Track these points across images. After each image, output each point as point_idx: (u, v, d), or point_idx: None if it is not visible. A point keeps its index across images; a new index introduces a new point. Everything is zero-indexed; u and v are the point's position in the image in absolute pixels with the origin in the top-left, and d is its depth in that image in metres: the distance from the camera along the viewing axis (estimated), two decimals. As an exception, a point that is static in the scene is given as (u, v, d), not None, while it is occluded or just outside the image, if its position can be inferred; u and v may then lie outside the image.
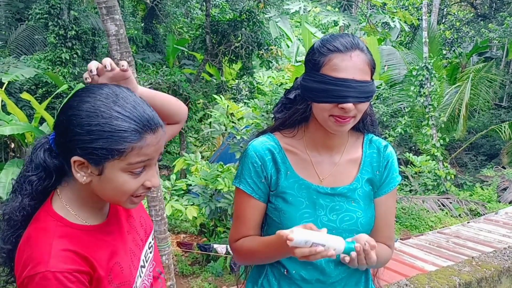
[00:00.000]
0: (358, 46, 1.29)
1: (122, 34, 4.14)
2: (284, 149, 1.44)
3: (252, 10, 11.90)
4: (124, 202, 1.10)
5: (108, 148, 0.99)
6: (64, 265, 1.00)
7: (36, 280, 0.99)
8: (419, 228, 9.35)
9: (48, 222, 1.06)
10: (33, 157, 1.08)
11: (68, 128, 1.01)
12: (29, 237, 1.05)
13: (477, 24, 18.06)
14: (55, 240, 1.03)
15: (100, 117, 0.99)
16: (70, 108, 1.03)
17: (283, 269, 1.44)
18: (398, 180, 1.47)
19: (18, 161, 8.72)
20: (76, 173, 1.03)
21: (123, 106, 1.02)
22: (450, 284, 2.44)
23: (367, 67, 1.29)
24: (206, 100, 11.91)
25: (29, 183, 1.06)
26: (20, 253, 1.04)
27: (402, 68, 14.85)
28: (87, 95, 1.03)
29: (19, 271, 1.02)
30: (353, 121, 1.33)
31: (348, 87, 1.26)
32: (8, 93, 10.02)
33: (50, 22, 11.18)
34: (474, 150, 14.93)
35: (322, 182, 1.42)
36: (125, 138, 1.00)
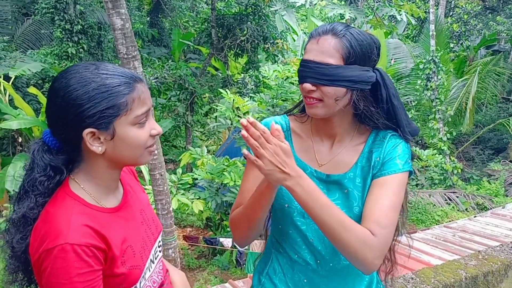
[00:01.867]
0: (332, 31, 1.30)
1: (128, 28, 4.15)
2: (292, 130, 1.49)
3: (258, 4, 11.86)
4: (141, 157, 1.15)
5: (112, 105, 1.05)
6: (82, 239, 1.03)
7: (54, 253, 1.00)
8: (425, 222, 9.33)
9: (67, 200, 1.09)
10: (37, 161, 1.09)
11: (68, 105, 1.04)
12: (46, 214, 1.06)
13: (485, 17, 17.89)
14: (74, 216, 1.06)
15: (93, 83, 1.05)
16: (60, 90, 1.06)
17: (293, 255, 1.46)
18: (400, 168, 1.34)
19: (25, 155, 8.79)
20: (91, 146, 1.07)
21: (105, 68, 1.09)
22: (456, 278, 2.43)
23: (334, 51, 1.28)
24: (212, 94, 11.91)
25: (40, 184, 1.08)
26: (37, 230, 1.05)
27: (409, 62, 14.76)
28: (68, 74, 1.08)
29: (36, 247, 1.03)
30: (323, 106, 1.31)
31: (306, 67, 1.30)
32: (15, 87, 10.08)
33: (56, 16, 11.21)
34: (481, 144, 14.83)
35: (320, 168, 1.43)
36: (122, 91, 1.07)
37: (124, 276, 1.12)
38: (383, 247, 1.23)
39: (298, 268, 1.46)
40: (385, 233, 1.24)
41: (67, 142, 1.10)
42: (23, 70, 9.90)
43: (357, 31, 1.32)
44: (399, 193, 1.32)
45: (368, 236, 1.21)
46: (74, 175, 1.13)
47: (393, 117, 1.39)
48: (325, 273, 1.44)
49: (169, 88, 11.05)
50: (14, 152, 9.97)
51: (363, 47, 1.30)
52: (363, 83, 1.31)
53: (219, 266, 7.69)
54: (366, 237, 1.21)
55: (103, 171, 1.13)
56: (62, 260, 1.00)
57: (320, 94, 1.30)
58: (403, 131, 1.38)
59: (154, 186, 4.65)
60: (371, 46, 1.32)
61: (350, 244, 1.19)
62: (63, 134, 1.08)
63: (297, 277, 1.47)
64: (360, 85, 1.31)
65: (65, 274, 1.00)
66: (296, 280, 1.47)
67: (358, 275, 1.48)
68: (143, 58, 12.62)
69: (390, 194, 1.30)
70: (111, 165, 1.13)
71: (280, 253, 1.51)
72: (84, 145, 1.08)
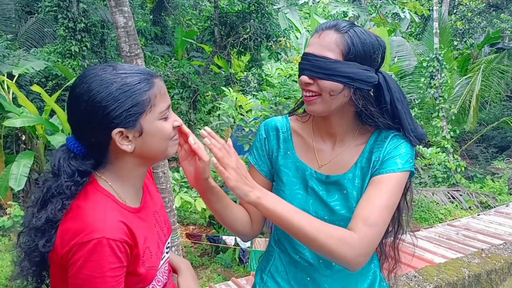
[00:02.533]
0: (335, 27, 1.30)
1: (131, 26, 4.15)
2: (292, 130, 1.50)
3: (261, 2, 11.84)
4: (169, 148, 1.18)
5: (136, 103, 1.08)
6: (118, 234, 1.05)
7: (89, 246, 1.01)
8: (428, 221, 9.31)
9: (98, 195, 1.10)
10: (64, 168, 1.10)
11: (94, 109, 1.06)
12: (78, 209, 1.07)
13: (489, 15, 17.79)
14: (108, 211, 1.08)
15: (114, 83, 1.07)
16: (83, 95, 1.07)
17: (294, 255, 1.46)
18: (399, 167, 1.30)
19: (29, 153, 8.82)
20: (121, 145, 1.09)
21: (122, 68, 1.11)
22: (459, 276, 2.43)
23: (334, 46, 1.28)
24: (214, 93, 11.91)
25: (67, 188, 1.08)
26: (68, 223, 1.06)
27: (412, 60, 14.71)
28: (87, 78, 1.09)
29: (66, 240, 1.04)
30: (321, 101, 1.31)
31: (305, 60, 1.31)
32: (19, 85, 10.11)
33: (60, 14, 11.23)
34: (485, 142, 14.78)
35: (320, 169, 1.43)
36: (143, 88, 1.10)
37: (142, 276, 1.14)
38: (367, 245, 1.21)
39: (301, 268, 1.46)
40: (371, 231, 1.22)
41: (95, 146, 1.11)
42: (27, 68, 9.93)
43: (361, 30, 1.31)
44: (395, 193, 1.29)
45: (345, 234, 1.20)
46: (102, 174, 1.15)
47: (396, 122, 1.37)
48: (328, 273, 1.44)
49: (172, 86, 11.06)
50: (17, 150, 10.00)
51: (365, 46, 1.29)
52: (361, 82, 1.30)
53: (222, 264, 7.70)
54: (343, 236, 1.19)
55: (131, 170, 1.16)
56: (97, 254, 1.01)
57: (317, 88, 1.30)
58: (408, 134, 1.36)
59: (157, 184, 4.66)
60: (375, 47, 1.31)
61: (325, 245, 1.18)
62: (92, 138, 1.10)
63: (299, 275, 1.47)
64: (359, 84, 1.29)
65: (98, 267, 1.01)
66: (298, 278, 1.47)
67: (361, 274, 1.47)
68: (146, 56, 12.64)
69: (384, 193, 1.28)
70: (139, 162, 1.16)
71: (282, 251, 1.51)
72: (112, 146, 1.11)
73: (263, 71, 11.71)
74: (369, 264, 1.51)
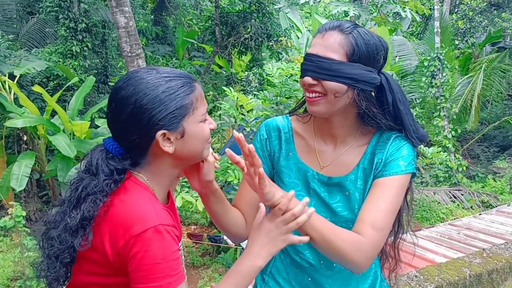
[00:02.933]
0: (339, 28, 1.29)
1: (132, 26, 4.15)
2: (294, 131, 1.48)
3: (262, 1, 11.84)
4: (205, 150, 1.22)
5: (180, 106, 1.11)
6: (169, 220, 1.09)
7: (147, 235, 1.03)
8: (430, 220, 9.30)
9: (139, 189, 1.13)
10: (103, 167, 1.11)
11: (141, 111, 1.09)
12: (121, 202, 1.09)
13: (490, 14, 17.75)
14: (153, 201, 1.12)
15: (160, 86, 1.11)
16: (129, 97, 1.10)
17: (295, 256, 1.46)
18: (403, 170, 1.31)
19: (30, 153, 8.83)
20: (164, 147, 1.11)
21: (165, 71, 1.15)
22: (461, 275, 2.42)
23: (339, 47, 1.27)
24: (215, 92, 11.91)
25: (107, 186, 1.10)
26: (111, 218, 1.07)
27: (413, 59, 14.68)
28: (133, 81, 1.12)
29: (119, 235, 1.05)
30: (325, 102, 1.30)
31: (308, 61, 1.30)
32: (20, 86, 10.11)
33: (61, 15, 11.23)
34: (487, 142, 14.75)
35: (322, 170, 1.42)
36: (186, 92, 1.14)
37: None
38: (375, 249, 1.23)
39: (302, 268, 1.46)
40: (378, 236, 1.23)
41: (136, 147, 1.13)
42: (28, 69, 9.93)
43: (365, 30, 1.30)
44: (399, 195, 1.30)
45: (357, 239, 1.21)
46: (137, 172, 1.17)
47: (399, 123, 1.37)
48: (329, 273, 1.43)
49: (173, 86, 11.05)
50: (19, 151, 10.00)
51: (369, 47, 1.28)
52: (365, 83, 1.29)
53: (223, 264, 7.70)
54: (355, 240, 1.21)
55: (167, 170, 1.18)
56: (157, 241, 1.04)
57: (322, 89, 1.29)
58: (410, 135, 1.36)
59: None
60: (378, 48, 1.31)
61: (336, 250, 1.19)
62: (136, 139, 1.11)
63: (300, 276, 1.47)
64: (362, 85, 1.29)
65: (161, 253, 1.04)
66: (299, 279, 1.47)
67: (362, 274, 1.47)
68: (147, 56, 12.63)
69: (388, 196, 1.28)
70: (176, 163, 1.19)
71: (283, 252, 1.50)
72: (152, 148, 1.13)
73: (264, 71, 11.69)
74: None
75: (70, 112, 9.32)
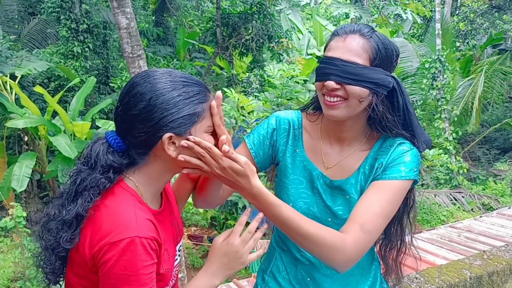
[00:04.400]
0: (360, 32, 1.28)
1: (133, 27, 4.16)
2: (303, 128, 1.48)
3: (263, 3, 11.85)
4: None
5: (192, 112, 1.11)
6: (148, 232, 1.06)
7: (121, 245, 1.02)
8: (430, 222, 9.29)
9: (126, 195, 1.12)
10: (102, 162, 1.11)
11: (154, 109, 1.08)
12: (106, 208, 1.08)
13: (491, 16, 17.73)
14: (137, 210, 1.09)
15: (177, 89, 1.10)
16: (145, 94, 1.09)
17: (296, 253, 1.47)
18: (403, 175, 1.29)
19: (31, 154, 8.84)
20: (168, 150, 1.10)
21: (183, 76, 1.14)
22: (461, 277, 2.42)
23: (362, 51, 1.27)
24: (216, 93, 11.89)
25: (101, 184, 1.09)
26: (95, 222, 1.07)
27: (414, 61, 14.67)
28: (151, 79, 1.11)
29: (96, 240, 1.04)
30: (346, 106, 1.29)
31: (331, 65, 1.28)
32: (21, 86, 10.13)
33: (62, 15, 11.25)
34: (488, 144, 14.73)
35: (326, 171, 1.43)
36: (200, 100, 1.13)
37: (160, 276, 1.14)
38: (358, 251, 1.21)
39: (302, 267, 1.47)
40: (365, 237, 1.22)
41: (140, 144, 1.12)
42: (29, 69, 9.94)
43: (382, 35, 1.31)
44: (394, 201, 1.28)
45: (337, 239, 1.20)
46: (129, 175, 1.15)
47: (408, 126, 1.36)
48: (328, 272, 1.44)
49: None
50: (20, 151, 10.02)
51: (388, 51, 1.29)
52: (384, 88, 1.30)
53: (223, 265, 7.68)
54: (335, 241, 1.19)
55: (163, 174, 1.17)
56: (130, 253, 1.02)
57: (344, 93, 1.28)
58: (418, 140, 1.35)
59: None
60: (393, 52, 1.32)
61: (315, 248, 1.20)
62: (142, 137, 1.10)
63: (300, 275, 1.47)
64: (382, 89, 1.29)
65: (132, 266, 1.02)
66: (299, 278, 1.47)
67: (362, 275, 1.48)
68: (148, 57, 12.65)
69: (384, 200, 1.26)
70: (173, 168, 1.17)
71: (284, 251, 1.51)
72: (155, 149, 1.11)
73: (265, 72, 11.71)
74: (370, 266, 1.51)
75: (71, 112, 9.34)
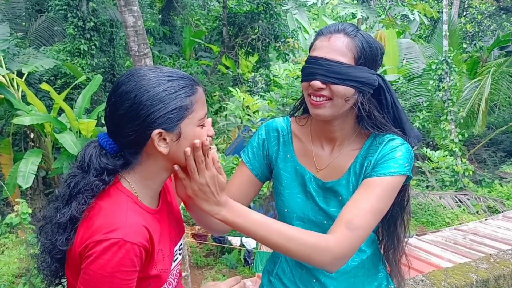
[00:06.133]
0: (344, 31, 1.29)
1: (140, 25, 4.16)
2: (293, 133, 1.49)
3: (270, 2, 11.84)
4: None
5: (179, 106, 1.10)
6: (137, 238, 1.04)
7: (105, 245, 1.01)
8: (435, 224, 9.26)
9: (121, 196, 1.11)
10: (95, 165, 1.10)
11: (140, 107, 1.08)
12: (100, 208, 1.08)
13: (499, 17, 17.64)
14: (130, 212, 1.08)
15: (161, 85, 1.10)
16: (130, 92, 1.09)
17: None
18: (392, 171, 1.27)
19: (37, 151, 8.88)
20: (159, 147, 1.10)
21: (169, 71, 1.14)
22: (467, 280, 2.41)
23: (347, 50, 1.27)
24: (222, 93, 11.92)
25: (95, 186, 1.09)
26: (88, 221, 1.06)
27: (421, 62, 14.61)
28: (135, 77, 1.11)
29: (85, 237, 1.04)
30: (332, 105, 1.29)
31: (316, 64, 1.28)
32: (28, 83, 10.18)
33: (69, 13, 11.29)
34: (494, 146, 14.65)
35: (318, 173, 1.42)
36: (187, 93, 1.12)
37: (154, 279, 1.13)
38: (345, 249, 1.20)
39: (307, 269, 1.46)
40: (352, 235, 1.20)
41: (131, 144, 1.11)
42: (36, 67, 9.98)
43: (366, 33, 1.32)
44: (385, 197, 1.26)
45: (319, 240, 1.19)
46: (125, 175, 1.15)
47: (398, 123, 1.36)
48: (333, 275, 1.42)
49: (179, 86, 11.07)
50: (26, 148, 10.07)
51: (372, 50, 1.30)
52: (369, 86, 1.30)
53: (227, 264, 7.70)
54: (315, 242, 1.18)
55: (158, 172, 1.16)
56: (111, 254, 1.01)
57: (329, 93, 1.28)
58: (409, 135, 1.35)
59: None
60: (378, 50, 1.32)
61: (297, 252, 1.18)
62: (131, 136, 1.09)
63: (305, 277, 1.46)
64: (367, 88, 1.30)
65: (109, 267, 1.01)
66: (305, 280, 1.46)
67: (368, 276, 1.47)
68: (154, 56, 12.67)
69: (372, 197, 1.25)
70: (168, 166, 1.16)
71: None
72: (147, 147, 1.11)
73: (271, 72, 11.71)
74: (376, 267, 1.50)
75: (77, 110, 9.37)
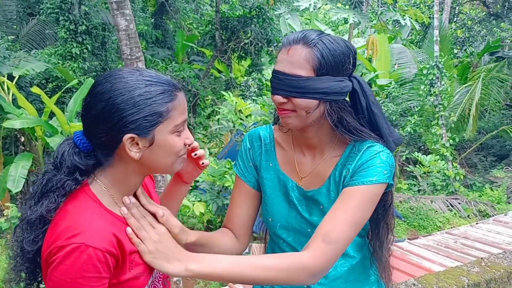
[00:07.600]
0: (303, 40, 1.23)
1: (132, 29, 4.15)
2: (275, 141, 1.47)
3: (262, 7, 11.88)
4: (174, 164, 1.16)
5: (154, 112, 1.06)
6: (100, 243, 1.02)
7: (67, 250, 0.99)
8: (427, 228, 9.30)
9: (88, 201, 1.09)
10: (67, 163, 1.08)
11: (113, 109, 1.05)
12: (66, 212, 1.06)
13: (489, 23, 17.85)
14: (95, 218, 1.06)
15: (138, 89, 1.06)
16: (104, 93, 1.06)
17: None
18: (370, 180, 1.24)
19: (28, 155, 8.80)
20: (130, 151, 1.07)
21: (149, 75, 1.10)
22: (459, 284, 2.42)
23: (305, 62, 1.22)
24: (214, 97, 11.92)
25: (67, 185, 1.07)
26: (54, 225, 1.05)
27: (412, 67, 14.73)
28: (112, 78, 1.08)
29: (49, 242, 1.03)
30: (296, 117, 1.27)
31: (276, 79, 1.27)
32: (19, 87, 10.10)
33: (61, 16, 11.24)
34: (484, 151, 14.77)
35: (301, 181, 1.40)
36: (164, 99, 1.08)
37: (130, 284, 1.11)
38: (322, 263, 1.18)
39: None
40: (329, 248, 1.18)
41: (103, 146, 1.09)
42: (27, 70, 9.92)
43: (330, 39, 1.26)
44: (364, 207, 1.24)
45: (293, 260, 1.18)
46: (97, 177, 1.13)
47: (375, 127, 1.33)
48: (323, 281, 1.40)
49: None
50: (16, 152, 9.98)
51: (336, 57, 1.24)
52: (336, 94, 1.26)
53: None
54: (290, 264, 1.16)
55: (131, 177, 1.14)
56: (73, 259, 0.99)
57: (292, 106, 1.26)
58: (386, 140, 1.32)
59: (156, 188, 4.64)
60: (345, 55, 1.26)
61: (276, 279, 1.16)
62: (103, 137, 1.07)
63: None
64: (334, 96, 1.25)
65: (71, 273, 0.99)
66: (295, 286, 1.45)
67: (359, 281, 1.46)
68: (146, 60, 12.64)
69: (350, 207, 1.22)
70: (141, 170, 1.14)
71: None
72: (119, 150, 1.09)
73: (264, 76, 11.73)
74: (367, 271, 1.49)
75: (68, 114, 9.31)
